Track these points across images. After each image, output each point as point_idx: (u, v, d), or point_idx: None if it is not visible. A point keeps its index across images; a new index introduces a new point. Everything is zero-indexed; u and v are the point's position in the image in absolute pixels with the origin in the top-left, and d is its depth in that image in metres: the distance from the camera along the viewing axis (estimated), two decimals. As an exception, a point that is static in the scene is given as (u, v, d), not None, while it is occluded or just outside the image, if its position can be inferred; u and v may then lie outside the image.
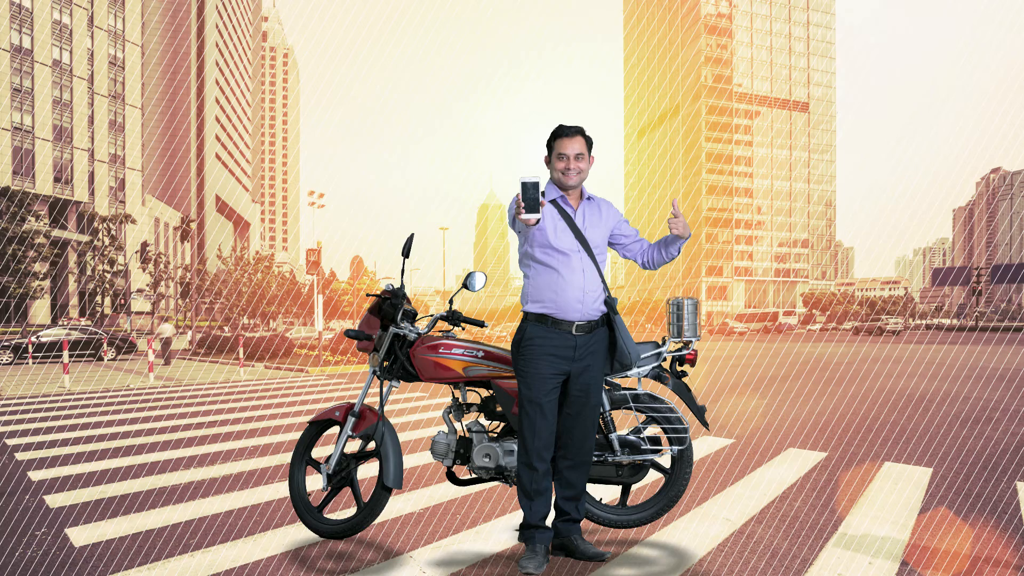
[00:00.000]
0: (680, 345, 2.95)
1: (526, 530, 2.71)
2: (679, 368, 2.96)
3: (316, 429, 3.15)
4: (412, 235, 2.97)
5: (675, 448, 2.88)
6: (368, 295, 3.09)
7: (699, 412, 2.93)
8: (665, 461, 3.00)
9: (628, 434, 2.93)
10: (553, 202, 2.73)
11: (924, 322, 72.06)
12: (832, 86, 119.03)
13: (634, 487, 3.25)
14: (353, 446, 3.17)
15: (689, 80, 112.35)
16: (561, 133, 2.71)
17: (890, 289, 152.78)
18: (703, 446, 5.25)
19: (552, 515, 2.79)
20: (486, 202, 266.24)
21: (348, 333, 2.98)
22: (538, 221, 2.51)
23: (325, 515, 3.09)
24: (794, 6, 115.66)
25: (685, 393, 2.93)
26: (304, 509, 3.05)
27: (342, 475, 3.01)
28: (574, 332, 2.64)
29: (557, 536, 2.77)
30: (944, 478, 4.18)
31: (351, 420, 2.99)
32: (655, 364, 2.91)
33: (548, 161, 2.77)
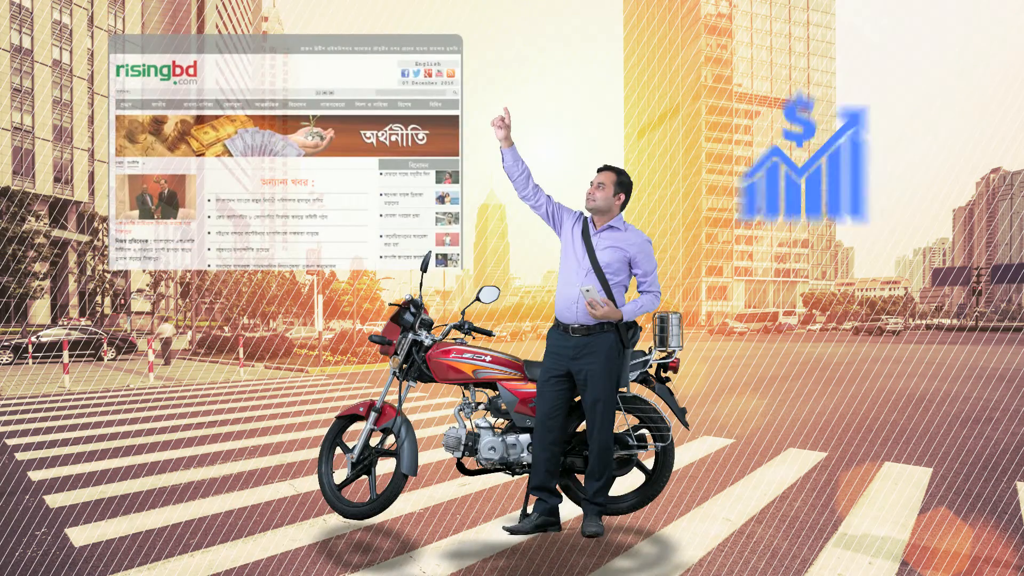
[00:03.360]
0: (665, 354, 3.21)
1: (533, 490, 2.97)
2: (663, 374, 3.25)
3: (342, 423, 3.53)
4: (430, 252, 3.52)
5: (659, 444, 3.20)
6: (390, 304, 3.56)
7: (680, 413, 3.22)
8: (649, 463, 3.30)
9: (620, 432, 3.22)
10: (586, 220, 3.09)
11: (924, 322, 71.92)
12: (832, 86, 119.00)
13: (618, 479, 3.54)
14: (375, 441, 3.59)
15: (689, 80, 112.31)
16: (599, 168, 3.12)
17: (890, 289, 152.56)
18: (703, 446, 5.26)
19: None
20: (486, 202, 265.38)
21: (372, 338, 3.44)
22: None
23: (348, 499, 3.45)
24: (794, 6, 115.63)
25: (668, 396, 3.23)
26: (331, 492, 3.39)
27: (364, 463, 3.39)
28: (571, 333, 2.95)
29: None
30: (944, 478, 4.18)
31: (373, 415, 3.37)
32: (642, 370, 3.19)
33: None
